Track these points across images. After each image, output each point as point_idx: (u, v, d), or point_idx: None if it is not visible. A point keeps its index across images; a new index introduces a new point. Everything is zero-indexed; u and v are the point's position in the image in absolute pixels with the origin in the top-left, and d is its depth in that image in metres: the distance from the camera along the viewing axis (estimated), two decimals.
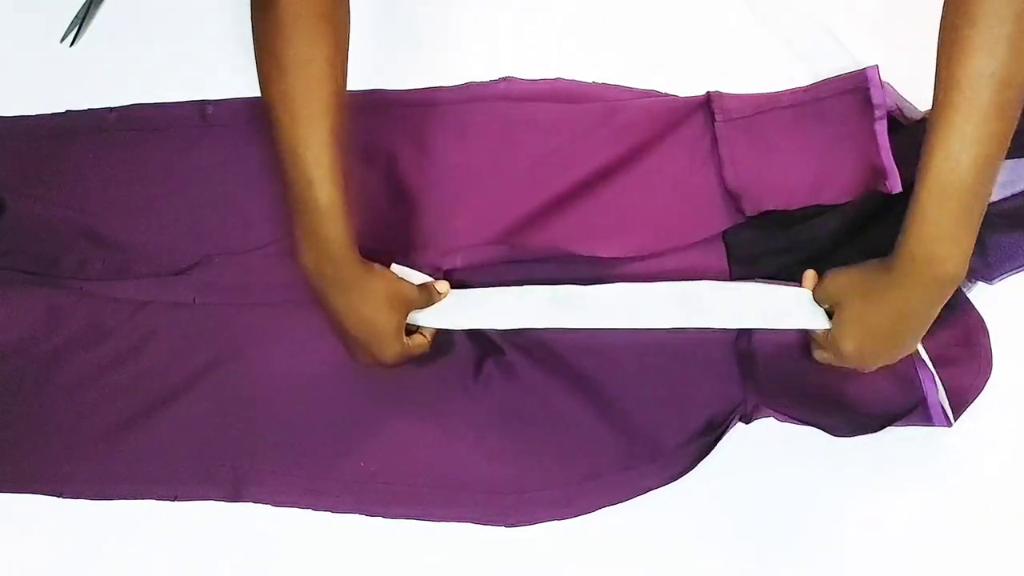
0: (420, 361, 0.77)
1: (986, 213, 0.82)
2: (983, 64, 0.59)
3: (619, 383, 0.81)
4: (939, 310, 0.66)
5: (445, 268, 0.82)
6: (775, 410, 0.79)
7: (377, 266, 0.71)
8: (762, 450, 0.81)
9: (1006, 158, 0.82)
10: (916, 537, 0.78)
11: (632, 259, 0.82)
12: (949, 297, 0.65)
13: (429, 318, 0.77)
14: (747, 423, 0.80)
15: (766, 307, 0.73)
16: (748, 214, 0.81)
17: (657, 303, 0.75)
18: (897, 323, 0.67)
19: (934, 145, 0.61)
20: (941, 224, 0.62)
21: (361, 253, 0.70)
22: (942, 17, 0.62)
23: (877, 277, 0.67)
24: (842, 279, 0.71)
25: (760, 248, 0.83)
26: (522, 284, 0.80)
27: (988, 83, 0.59)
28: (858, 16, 0.86)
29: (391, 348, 0.72)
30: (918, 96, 0.82)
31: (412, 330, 0.77)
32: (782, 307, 0.73)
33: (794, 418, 0.79)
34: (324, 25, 0.62)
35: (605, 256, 0.80)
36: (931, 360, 0.77)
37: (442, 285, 0.77)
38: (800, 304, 0.73)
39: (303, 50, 0.62)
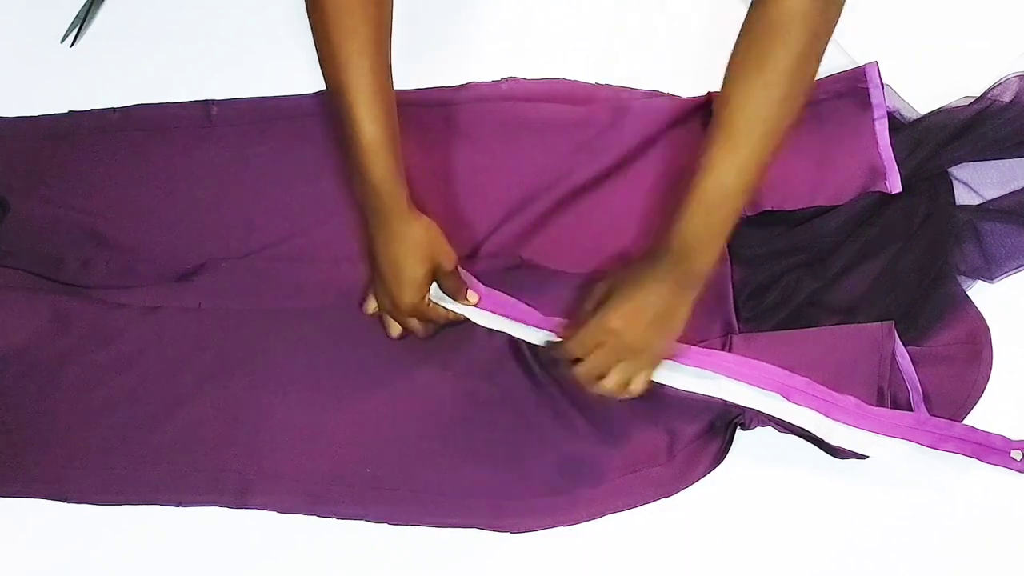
0: (425, 336, 0.78)
1: (985, 212, 0.83)
2: (758, 111, 0.66)
3: None
4: (690, 303, 0.72)
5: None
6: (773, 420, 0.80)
7: (424, 217, 0.73)
8: (761, 450, 0.81)
9: (1003, 158, 0.84)
10: (915, 538, 0.79)
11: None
12: (696, 292, 0.71)
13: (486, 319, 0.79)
14: (745, 429, 0.80)
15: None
16: (747, 214, 0.81)
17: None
18: (657, 307, 0.71)
19: (707, 167, 0.67)
20: (700, 232, 0.68)
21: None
22: (732, 52, 0.68)
23: (641, 268, 0.72)
24: (617, 274, 0.74)
25: (762, 248, 0.83)
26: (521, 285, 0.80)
27: (760, 128, 0.66)
28: (858, 16, 0.87)
29: (408, 295, 0.73)
30: (917, 96, 0.84)
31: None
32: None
33: (788, 429, 0.80)
34: None
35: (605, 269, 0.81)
36: (926, 364, 0.79)
37: (472, 296, 0.78)
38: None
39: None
